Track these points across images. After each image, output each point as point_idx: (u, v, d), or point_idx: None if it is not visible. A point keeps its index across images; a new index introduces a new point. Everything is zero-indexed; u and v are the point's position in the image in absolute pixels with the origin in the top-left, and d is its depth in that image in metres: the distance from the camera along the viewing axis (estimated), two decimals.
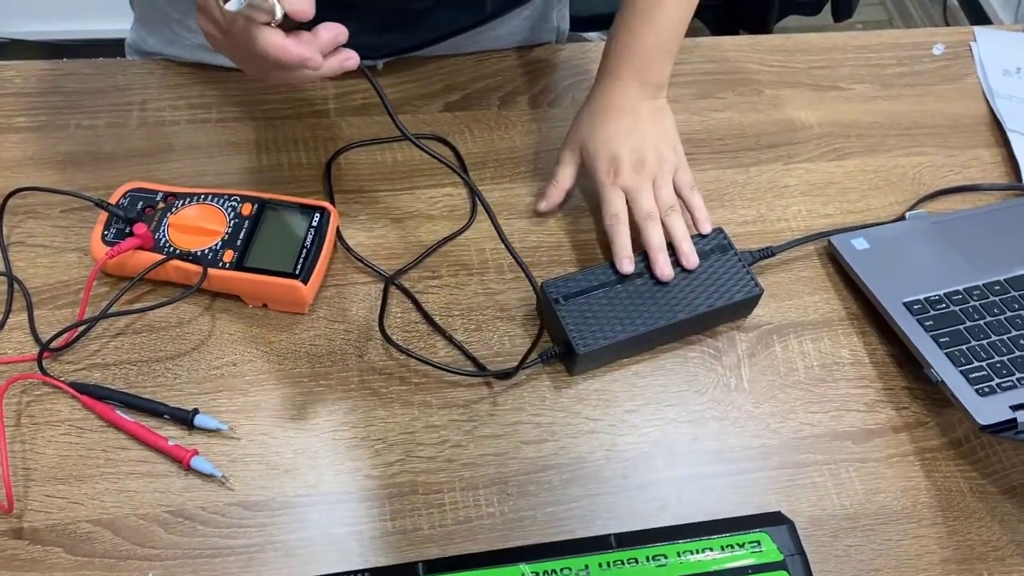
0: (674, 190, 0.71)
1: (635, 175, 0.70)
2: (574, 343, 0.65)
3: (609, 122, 0.72)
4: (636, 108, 0.72)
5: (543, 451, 0.64)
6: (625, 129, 0.71)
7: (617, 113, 0.72)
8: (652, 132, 0.72)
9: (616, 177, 0.70)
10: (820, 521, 0.63)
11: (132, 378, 0.64)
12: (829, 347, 0.71)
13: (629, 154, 0.70)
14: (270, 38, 0.50)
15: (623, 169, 0.70)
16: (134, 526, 0.58)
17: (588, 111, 0.74)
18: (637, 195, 0.70)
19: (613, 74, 0.73)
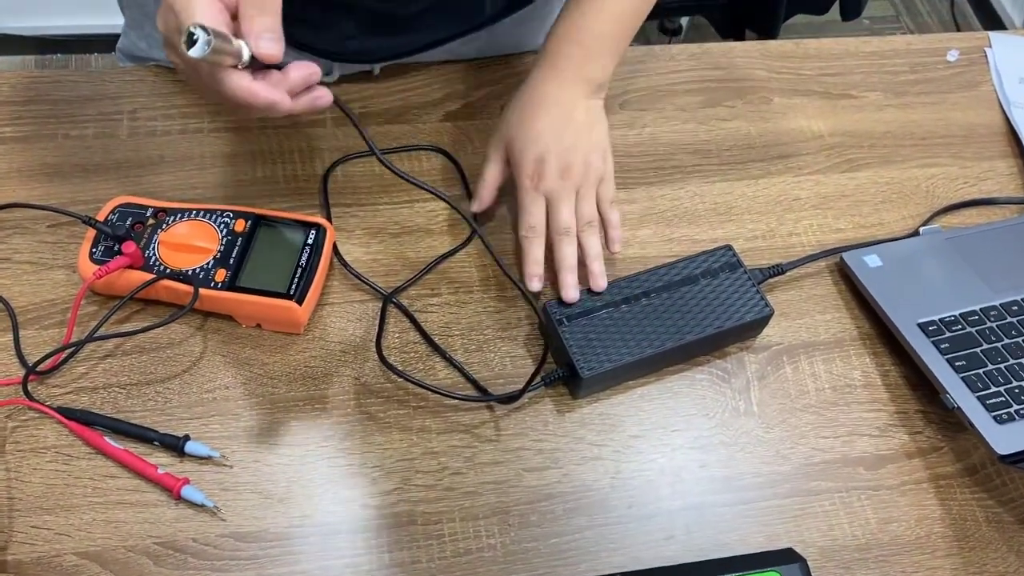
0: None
1: (559, 181, 0.66)
2: (578, 367, 0.63)
3: (538, 118, 0.67)
4: (571, 105, 0.68)
5: (546, 479, 0.62)
6: (556, 128, 0.67)
7: (549, 108, 0.68)
8: (584, 136, 0.68)
9: (539, 181, 0.66)
10: (831, 553, 0.61)
11: (121, 402, 0.62)
12: (841, 368, 0.69)
13: (556, 158, 0.66)
14: (237, 81, 0.48)
15: (548, 174, 0.66)
16: (123, 559, 0.57)
17: (518, 103, 0.69)
18: (558, 205, 0.66)
19: (550, 63, 0.69)
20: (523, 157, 0.67)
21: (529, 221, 0.67)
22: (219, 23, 0.47)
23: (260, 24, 0.48)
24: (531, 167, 0.67)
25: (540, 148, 0.67)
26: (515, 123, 0.68)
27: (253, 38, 0.48)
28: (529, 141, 0.67)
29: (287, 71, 0.50)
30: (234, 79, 0.48)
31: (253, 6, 0.49)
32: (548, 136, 0.67)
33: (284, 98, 0.50)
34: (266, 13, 0.49)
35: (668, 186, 0.77)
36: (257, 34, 0.48)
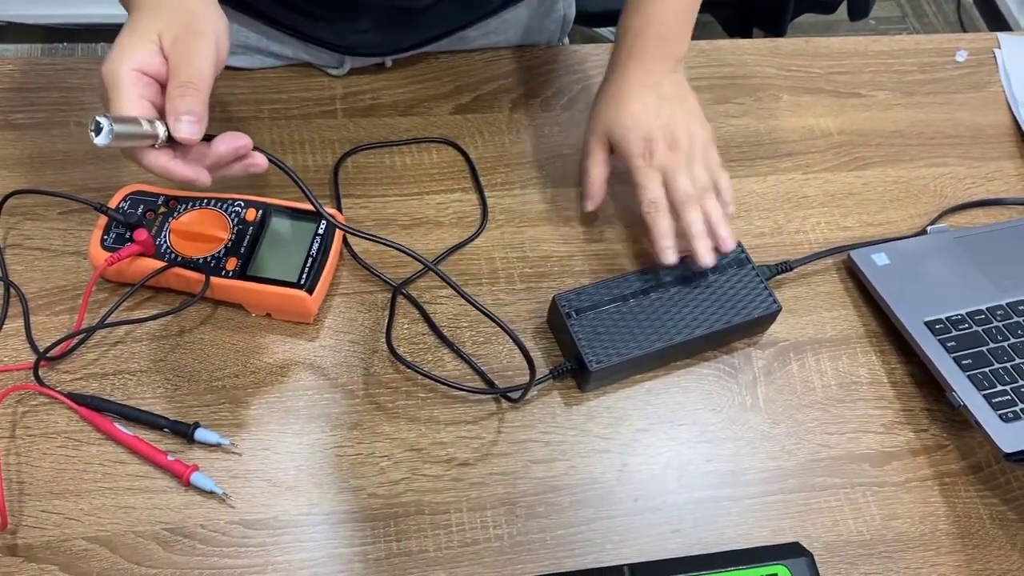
0: None
1: (671, 154, 0.67)
2: (586, 359, 0.63)
3: (633, 101, 0.68)
4: (659, 84, 0.69)
5: (553, 471, 0.63)
6: (652, 107, 0.68)
7: (640, 91, 0.69)
8: (679, 108, 0.69)
9: (651, 158, 0.67)
10: (836, 548, 0.61)
11: (131, 389, 0.63)
12: (847, 366, 0.69)
13: (661, 132, 0.67)
14: (153, 160, 0.50)
15: (657, 149, 0.66)
16: (132, 544, 0.57)
17: (608, 94, 0.70)
18: (675, 175, 0.66)
19: (630, 51, 0.70)
20: (629, 139, 0.67)
21: (649, 196, 0.66)
22: (142, 105, 0.49)
23: (182, 105, 0.49)
24: (640, 146, 0.67)
25: (643, 128, 0.67)
26: (611, 111, 0.69)
27: (173, 119, 0.49)
28: (630, 124, 0.67)
29: (214, 145, 0.52)
30: (150, 158, 0.50)
31: (179, 85, 0.50)
32: (647, 115, 0.67)
33: (201, 174, 0.51)
34: (189, 94, 0.50)
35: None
36: (177, 116, 0.49)
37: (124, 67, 0.49)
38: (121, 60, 0.50)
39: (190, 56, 0.50)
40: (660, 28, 0.70)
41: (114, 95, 0.49)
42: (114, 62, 0.50)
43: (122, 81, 0.49)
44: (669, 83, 0.69)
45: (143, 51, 0.50)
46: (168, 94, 0.50)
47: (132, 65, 0.49)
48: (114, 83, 0.49)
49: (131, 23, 0.52)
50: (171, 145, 0.51)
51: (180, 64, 0.50)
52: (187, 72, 0.50)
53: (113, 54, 0.50)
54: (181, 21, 0.51)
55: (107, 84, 0.50)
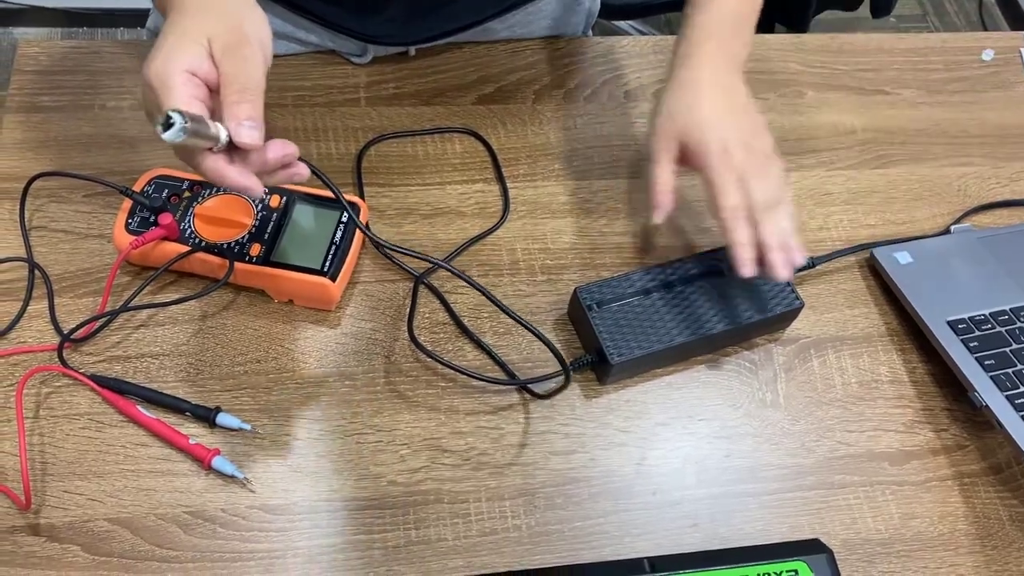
0: None
1: (749, 158, 0.63)
2: (607, 353, 0.63)
3: (705, 101, 0.64)
4: (729, 85, 0.66)
5: (572, 463, 0.63)
6: (726, 110, 0.64)
7: (712, 91, 0.65)
8: (751, 115, 0.66)
9: (730, 159, 0.62)
10: (854, 546, 0.61)
11: (153, 372, 0.63)
12: (868, 364, 0.69)
13: (737, 137, 0.63)
14: (211, 164, 0.49)
15: (735, 153, 0.62)
16: (153, 526, 0.57)
17: (677, 94, 0.65)
18: (753, 183, 0.62)
19: (698, 51, 0.66)
20: (705, 140, 0.63)
21: (731, 201, 0.62)
22: (196, 106, 0.48)
23: (242, 111, 0.48)
24: (718, 147, 0.62)
25: (720, 130, 0.63)
26: (683, 113, 0.64)
27: (234, 124, 0.48)
28: (706, 125, 0.63)
29: (265, 151, 0.50)
30: (208, 161, 0.49)
31: (236, 91, 0.48)
32: (722, 118, 0.64)
33: (256, 185, 0.50)
34: (247, 99, 0.49)
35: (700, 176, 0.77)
36: (239, 121, 0.48)
37: (174, 67, 0.48)
38: (170, 61, 0.48)
39: (244, 63, 0.49)
40: (728, 24, 0.67)
41: (165, 95, 0.47)
42: (162, 63, 0.48)
43: (173, 81, 0.47)
44: (740, 88, 0.66)
45: (192, 54, 0.48)
46: (225, 100, 0.48)
47: (182, 66, 0.48)
48: (164, 84, 0.47)
49: (174, 25, 0.51)
50: (226, 151, 0.50)
51: (235, 71, 0.49)
52: (243, 79, 0.49)
53: (160, 55, 0.48)
54: (229, 27, 0.50)
55: (155, 85, 0.48)
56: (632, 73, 0.84)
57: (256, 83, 0.49)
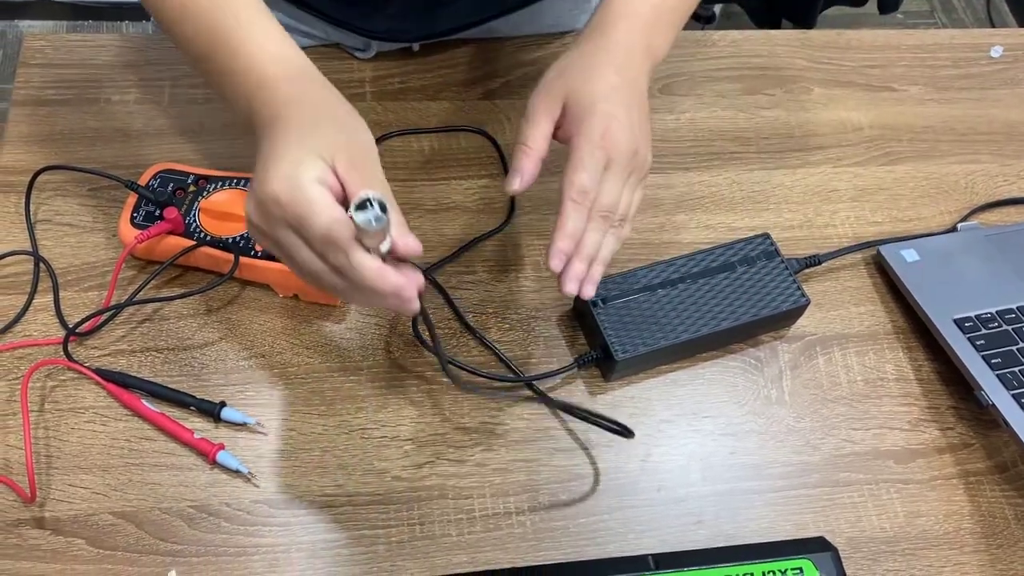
0: None
1: (628, 152, 0.56)
2: (612, 349, 0.63)
3: (609, 75, 0.57)
4: (636, 80, 0.58)
5: (576, 459, 0.62)
6: (628, 95, 0.57)
7: (619, 68, 0.57)
8: (646, 120, 0.59)
9: (607, 140, 0.55)
10: (858, 543, 0.61)
11: (158, 366, 0.63)
12: (874, 361, 0.69)
13: (624, 124, 0.56)
14: (371, 262, 0.47)
15: (619, 139, 0.55)
16: (157, 520, 0.57)
17: (581, 57, 0.58)
18: (614, 180, 0.56)
19: (615, 26, 0.59)
20: (592, 111, 0.55)
21: (585, 183, 0.55)
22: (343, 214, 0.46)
23: (400, 218, 0.48)
24: (602, 123, 0.55)
25: (613, 108, 0.55)
26: (578, 75, 0.57)
27: (397, 230, 0.47)
28: (599, 96, 0.56)
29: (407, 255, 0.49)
30: (368, 261, 0.46)
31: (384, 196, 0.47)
32: (621, 99, 0.56)
33: (411, 286, 0.48)
34: (396, 208, 0.48)
35: (706, 172, 0.77)
36: (398, 225, 0.48)
37: (306, 179, 0.46)
38: (300, 173, 0.46)
39: (373, 177, 0.48)
40: (640, 16, 0.60)
41: (307, 207, 0.45)
42: (293, 177, 0.46)
43: (313, 192, 0.46)
44: (644, 85, 0.59)
45: (318, 168, 0.47)
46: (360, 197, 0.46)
47: (313, 177, 0.46)
48: (303, 195, 0.45)
49: (287, 138, 0.48)
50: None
51: (368, 179, 0.48)
52: (379, 185, 0.49)
53: (283, 169, 0.46)
54: (348, 139, 0.49)
55: (289, 199, 0.46)
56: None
57: (388, 189, 0.49)
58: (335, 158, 0.47)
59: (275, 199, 0.46)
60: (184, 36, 0.56)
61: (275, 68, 0.52)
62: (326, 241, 0.46)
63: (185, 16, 0.54)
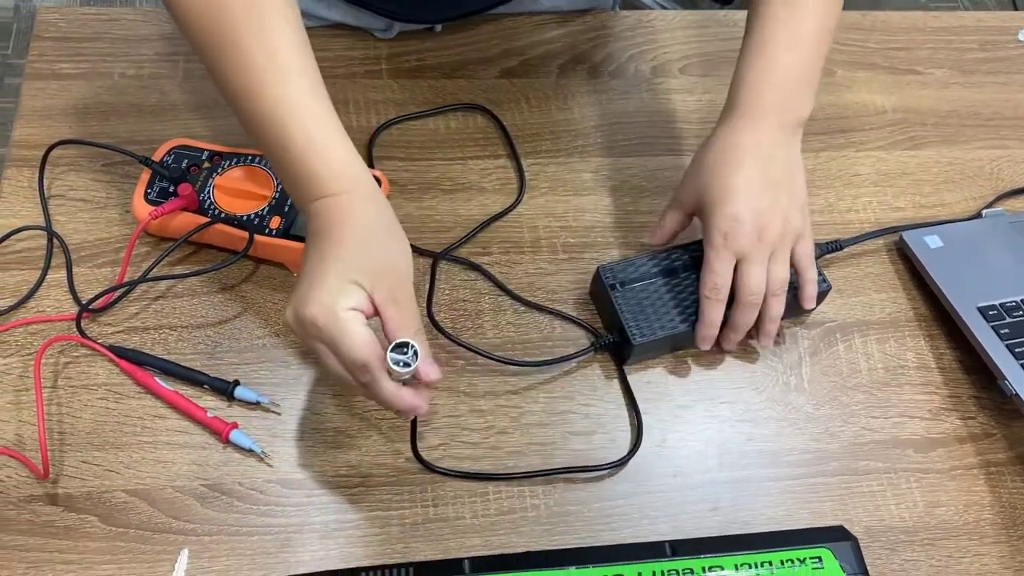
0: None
1: (755, 243, 0.60)
2: (629, 333, 0.62)
3: (734, 172, 0.60)
4: (771, 157, 0.61)
5: (591, 443, 0.62)
6: (754, 184, 0.60)
7: (746, 160, 0.61)
8: (784, 192, 0.61)
9: (732, 240, 0.59)
10: (876, 533, 0.60)
11: (171, 344, 0.62)
12: (895, 349, 0.68)
13: (752, 217, 0.59)
14: (393, 388, 0.52)
15: (742, 233, 0.59)
16: (170, 498, 0.57)
17: (711, 152, 0.62)
18: (749, 268, 0.60)
19: (745, 109, 0.62)
20: (716, 212, 0.60)
21: (715, 281, 0.60)
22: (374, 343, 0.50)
23: (425, 349, 0.52)
24: (725, 224, 0.60)
25: (736, 206, 0.60)
26: (707, 175, 0.62)
27: (421, 358, 0.51)
28: (724, 195, 0.60)
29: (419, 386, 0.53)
30: (391, 386, 0.52)
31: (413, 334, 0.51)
32: (745, 193, 0.60)
33: (425, 404, 0.53)
34: (423, 341, 0.52)
35: None
36: (423, 357, 0.51)
37: (342, 307, 0.50)
38: (337, 303, 0.50)
39: (409, 307, 0.52)
40: (782, 83, 0.62)
41: (341, 335, 0.49)
42: (331, 306, 0.50)
43: (348, 325, 0.50)
44: (782, 159, 0.62)
45: (355, 297, 0.50)
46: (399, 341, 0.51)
47: (349, 305, 0.50)
48: (337, 326, 0.50)
49: (330, 259, 0.51)
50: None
51: (403, 317, 0.51)
52: (413, 323, 0.52)
53: (323, 297, 0.50)
54: (385, 268, 0.52)
55: (325, 324, 0.50)
56: (659, 48, 0.82)
57: (420, 320, 0.52)
58: (374, 287, 0.51)
59: (313, 322, 0.50)
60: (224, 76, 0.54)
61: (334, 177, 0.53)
62: (355, 366, 0.50)
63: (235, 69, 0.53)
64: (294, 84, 0.53)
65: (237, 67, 0.53)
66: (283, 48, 0.53)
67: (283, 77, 0.52)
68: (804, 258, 0.63)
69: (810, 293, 0.64)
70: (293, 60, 0.53)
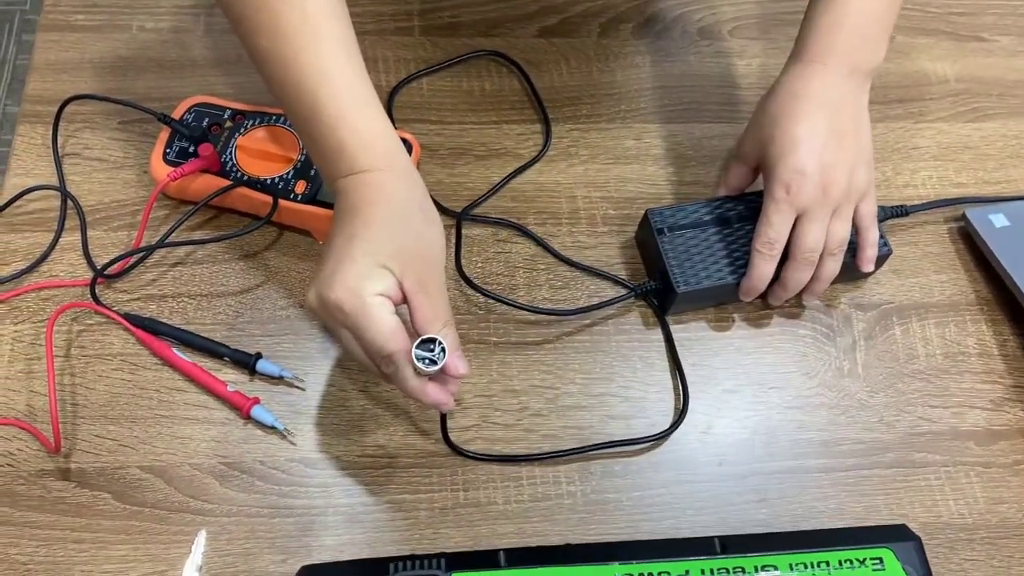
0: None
1: (819, 198, 0.57)
2: (674, 280, 0.59)
3: (800, 121, 0.58)
4: (840, 106, 0.59)
5: (631, 428, 0.59)
6: (820, 135, 0.57)
7: (813, 110, 0.58)
8: (851, 145, 0.58)
9: (795, 195, 0.57)
10: (934, 530, 0.57)
11: (190, 313, 0.59)
12: (955, 334, 0.64)
13: (818, 171, 0.57)
14: (414, 382, 0.49)
15: (805, 188, 0.57)
16: (187, 476, 0.54)
17: (775, 101, 0.59)
18: (809, 225, 0.57)
19: (812, 55, 0.59)
20: (779, 164, 0.58)
21: (770, 235, 0.58)
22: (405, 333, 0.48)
23: (454, 341, 0.49)
24: (788, 176, 0.57)
25: (800, 158, 0.57)
26: (770, 125, 0.59)
27: (450, 351, 0.48)
28: (788, 147, 0.57)
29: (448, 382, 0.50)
30: (416, 381, 0.49)
31: (442, 324, 0.48)
32: (810, 145, 0.57)
33: (450, 400, 0.50)
34: (452, 331, 0.49)
35: None
36: (452, 350, 0.48)
37: (369, 292, 0.47)
38: (364, 287, 0.47)
39: (439, 296, 0.49)
40: (856, 28, 0.59)
41: (367, 322, 0.47)
42: (358, 290, 0.47)
43: (374, 311, 0.47)
44: (851, 107, 0.59)
45: (383, 281, 0.47)
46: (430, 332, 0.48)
47: (375, 290, 0.47)
48: (363, 311, 0.47)
49: (357, 240, 0.48)
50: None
51: (434, 306, 0.49)
52: (443, 313, 0.49)
53: (350, 279, 0.47)
54: (415, 252, 0.49)
55: (351, 309, 0.47)
56: (708, 8, 0.77)
57: (450, 311, 0.50)
58: (404, 273, 0.48)
59: (338, 306, 0.47)
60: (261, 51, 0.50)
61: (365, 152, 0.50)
62: (380, 356, 0.48)
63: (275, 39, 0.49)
64: (327, 49, 0.49)
65: (265, 27, 0.49)
66: (315, 8, 0.49)
67: (315, 40, 0.49)
68: (867, 217, 0.60)
69: (870, 255, 0.61)
70: (326, 22, 0.49)
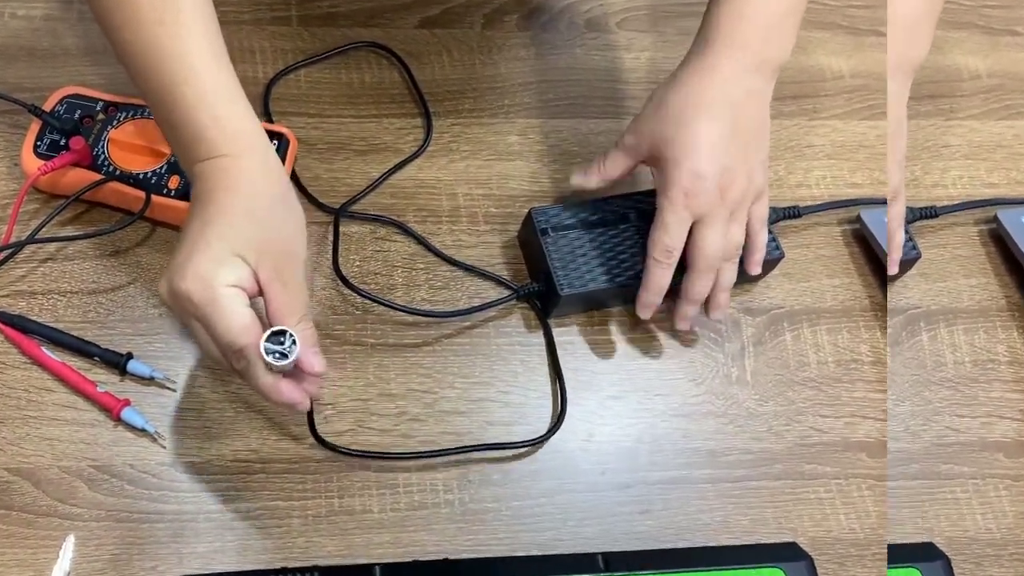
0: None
1: (717, 202, 0.68)
2: (557, 282, 0.72)
3: (703, 122, 0.68)
4: (743, 104, 0.69)
5: (512, 434, 0.72)
6: (721, 138, 0.68)
7: (715, 109, 0.68)
8: (751, 145, 0.69)
9: (692, 199, 0.67)
10: (961, 545, 0.69)
11: (60, 311, 0.72)
12: (984, 341, 0.77)
13: (717, 174, 0.67)
14: (270, 380, 0.58)
15: (704, 192, 0.67)
16: (56, 479, 0.66)
17: (675, 96, 0.69)
18: (707, 231, 0.68)
19: (718, 46, 0.69)
20: (678, 167, 0.67)
21: (667, 241, 0.68)
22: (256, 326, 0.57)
23: (309, 339, 0.59)
24: (687, 180, 0.67)
25: (700, 161, 0.67)
26: (670, 126, 0.69)
27: (303, 348, 0.58)
28: (689, 149, 0.67)
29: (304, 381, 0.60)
30: (268, 378, 0.58)
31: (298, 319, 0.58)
32: (711, 147, 0.68)
33: (305, 400, 0.60)
34: (309, 327, 0.59)
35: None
36: (308, 346, 0.58)
37: (219, 282, 0.56)
38: (215, 276, 0.56)
39: (297, 289, 0.59)
40: (763, 19, 0.68)
41: (218, 314, 0.56)
42: (208, 279, 0.56)
43: (224, 301, 0.56)
44: (754, 105, 0.69)
45: (236, 270, 0.57)
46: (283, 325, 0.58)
47: (228, 281, 0.56)
48: (213, 302, 0.56)
49: (210, 226, 0.57)
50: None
51: (290, 299, 0.58)
52: (299, 306, 0.59)
53: (202, 266, 0.56)
54: (272, 241, 0.59)
55: (200, 300, 0.56)
56: None
57: (308, 304, 0.59)
58: (259, 262, 0.58)
59: (187, 296, 0.56)
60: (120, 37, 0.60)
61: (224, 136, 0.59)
62: (231, 350, 0.57)
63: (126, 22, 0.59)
64: (185, 26, 0.58)
65: (126, 17, 0.58)
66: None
67: (175, 27, 0.58)
68: (758, 220, 0.72)
69: (758, 259, 0.74)
70: (187, 10, 0.59)
